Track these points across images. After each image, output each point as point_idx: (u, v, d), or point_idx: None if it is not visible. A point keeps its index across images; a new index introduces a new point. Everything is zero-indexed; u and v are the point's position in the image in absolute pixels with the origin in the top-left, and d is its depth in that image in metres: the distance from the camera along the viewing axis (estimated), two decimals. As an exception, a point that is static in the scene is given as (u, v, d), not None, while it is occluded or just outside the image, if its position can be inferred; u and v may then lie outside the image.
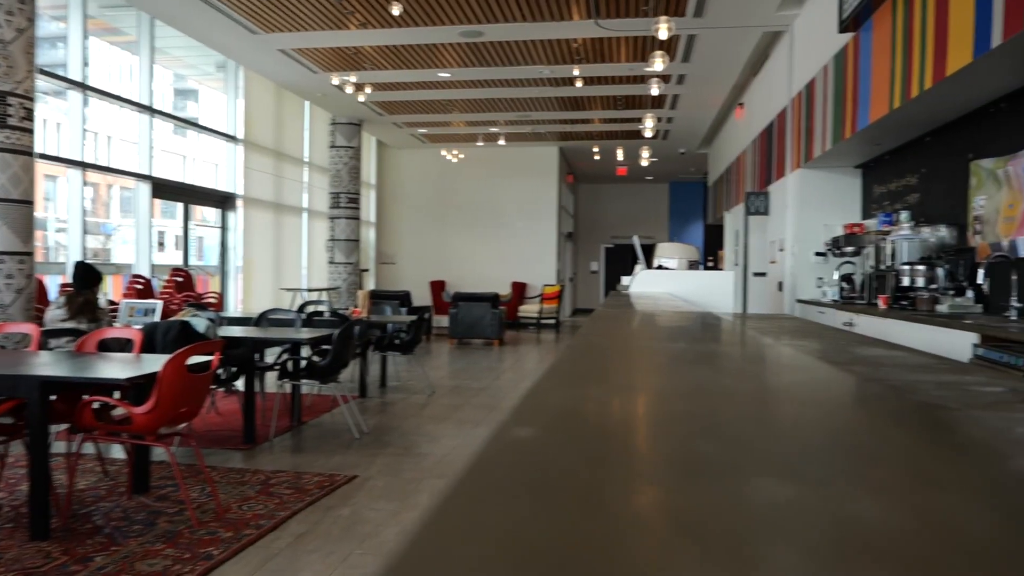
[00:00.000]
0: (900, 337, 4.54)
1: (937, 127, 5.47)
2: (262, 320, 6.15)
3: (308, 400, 6.36)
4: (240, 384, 5.32)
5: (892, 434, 0.67)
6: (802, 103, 7.37)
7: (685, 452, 0.57)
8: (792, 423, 0.71)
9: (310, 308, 8.23)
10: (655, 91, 7.84)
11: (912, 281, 5.30)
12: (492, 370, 8.90)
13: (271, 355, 6.23)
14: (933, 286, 5.13)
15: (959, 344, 3.81)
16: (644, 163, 12.18)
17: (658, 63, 6.69)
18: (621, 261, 21.02)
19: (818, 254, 7.40)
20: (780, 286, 8.06)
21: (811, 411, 0.79)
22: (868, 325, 5.23)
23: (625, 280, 6.41)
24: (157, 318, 5.38)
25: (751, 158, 10.23)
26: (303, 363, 5.29)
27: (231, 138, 10.47)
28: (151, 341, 4.55)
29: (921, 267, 5.21)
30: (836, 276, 6.83)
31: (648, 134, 8.90)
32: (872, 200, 7.07)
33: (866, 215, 7.24)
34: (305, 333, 5.58)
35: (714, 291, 4.18)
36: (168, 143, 18.13)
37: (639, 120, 12.46)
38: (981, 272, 4.23)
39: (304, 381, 5.32)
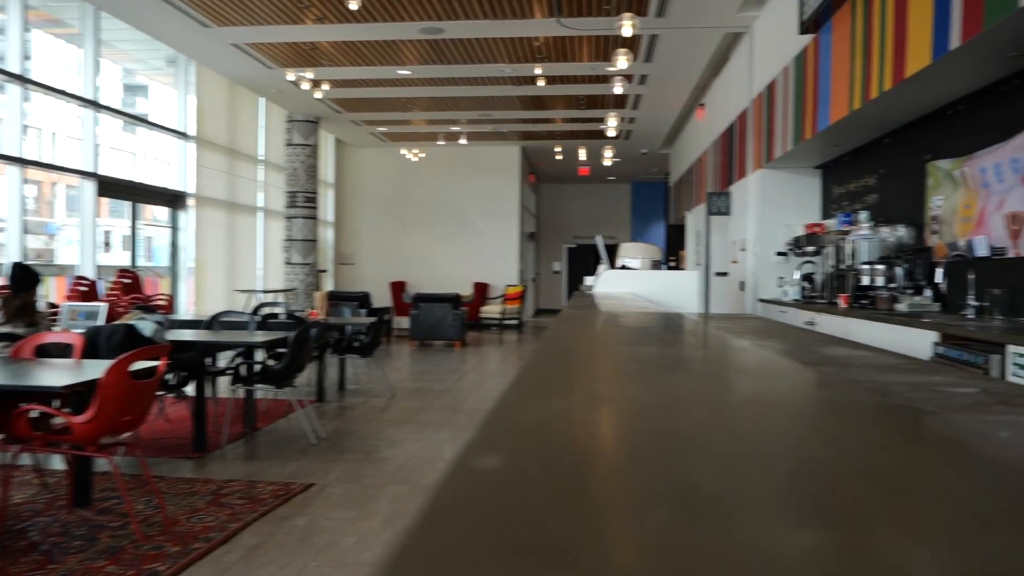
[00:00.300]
0: (861, 336, 4.55)
1: (895, 128, 5.52)
2: (214, 323, 5.93)
3: (263, 405, 6.16)
4: (191, 390, 5.12)
5: (896, 449, 0.58)
6: (763, 104, 7.40)
7: (677, 484, 0.47)
8: (782, 437, 0.62)
9: (265, 310, 8.01)
10: (618, 89, 7.81)
11: (872, 280, 5.33)
12: (454, 372, 8.78)
13: (225, 359, 6.02)
14: (892, 285, 5.16)
15: (919, 342, 3.82)
16: (607, 163, 12.17)
17: (622, 60, 6.65)
18: (584, 261, 21.04)
19: (779, 254, 7.45)
20: (742, 286, 8.10)
21: (797, 422, 0.71)
22: (829, 324, 5.25)
23: (588, 280, 6.35)
24: (101, 322, 5.14)
25: (712, 158, 10.28)
26: (257, 367, 5.11)
27: (182, 135, 10.16)
28: (94, 346, 4.34)
29: (880, 266, 5.24)
30: (797, 275, 6.87)
31: (611, 133, 8.87)
32: (832, 200, 7.13)
33: (826, 215, 7.30)
34: (259, 336, 5.40)
35: (678, 291, 4.14)
36: (117, 140, 17.60)
37: (601, 120, 12.44)
38: (940, 271, 4.26)
39: (259, 386, 5.14)
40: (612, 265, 6.27)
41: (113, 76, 13.87)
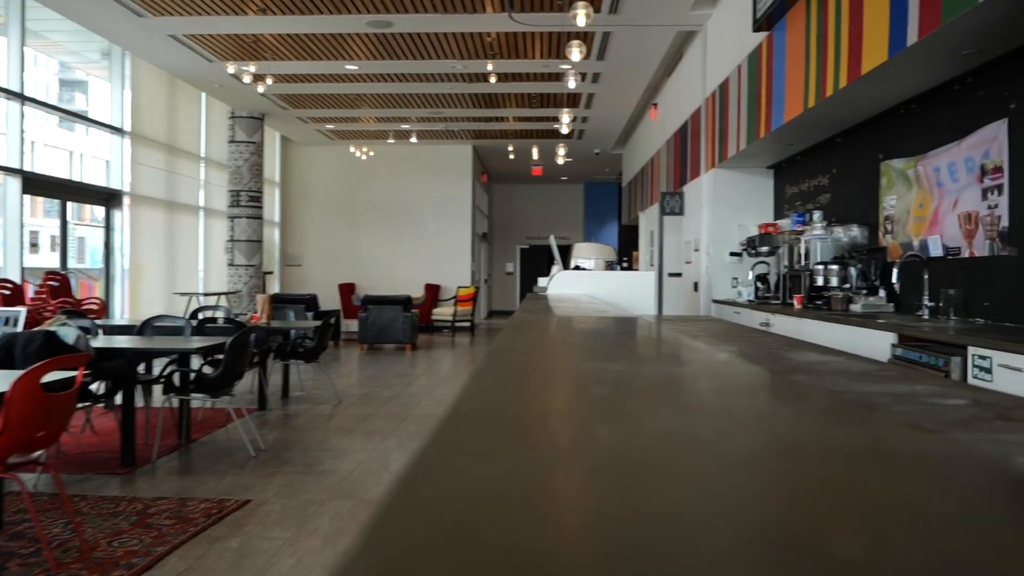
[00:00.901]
0: (817, 337, 4.48)
1: (848, 128, 5.49)
2: (146, 328, 5.59)
3: (200, 415, 5.85)
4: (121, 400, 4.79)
5: (931, 494, 0.41)
6: (716, 103, 7.35)
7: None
8: (788, 478, 0.45)
9: (205, 314, 7.67)
10: (572, 84, 7.68)
11: (826, 281, 5.29)
12: (404, 376, 8.54)
13: (161, 366, 5.69)
14: (846, 286, 5.13)
15: (877, 344, 3.75)
16: (560, 161, 12.06)
17: (575, 52, 6.50)
18: (537, 262, 20.95)
19: (733, 254, 7.41)
20: (696, 286, 8.05)
21: (802, 460, 0.54)
22: (784, 325, 5.19)
23: (542, 282, 6.19)
24: (19, 328, 4.78)
25: (665, 158, 10.24)
26: (192, 375, 4.81)
27: (117, 130, 9.69)
28: (9, 355, 4.00)
29: (834, 267, 5.20)
30: (751, 276, 6.83)
31: (564, 130, 8.74)
32: (784, 200, 7.11)
33: (778, 215, 7.28)
34: (196, 342, 5.09)
35: (634, 292, 4.00)
36: (53, 137, 16.82)
37: (554, 119, 12.32)
38: (895, 272, 4.21)
39: (194, 395, 4.84)
40: (566, 266, 6.12)
41: (47, 70, 13.24)
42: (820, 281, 5.36)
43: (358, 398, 6.99)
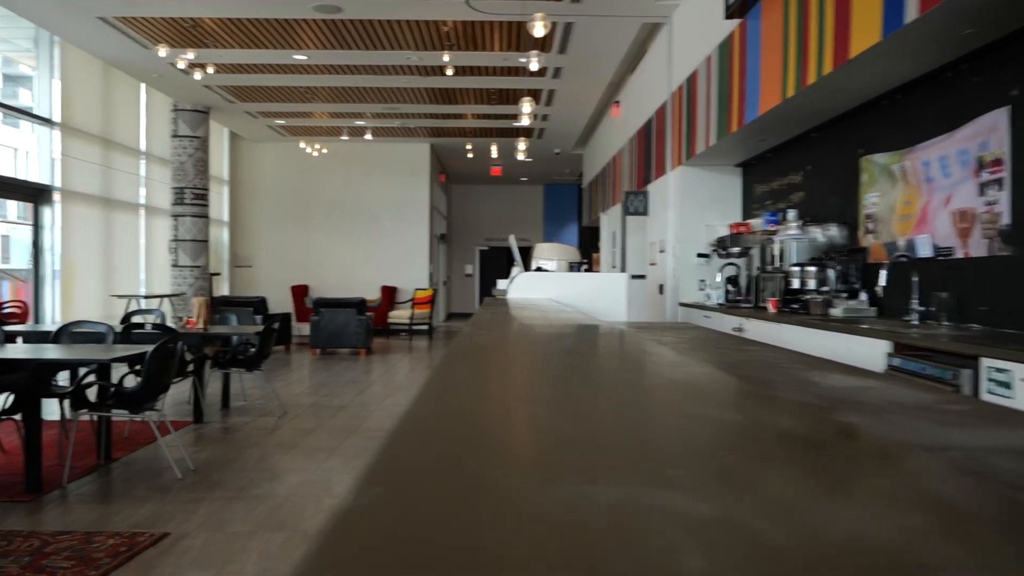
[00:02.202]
0: (797, 343, 4.17)
1: (824, 122, 5.21)
2: (62, 335, 5.03)
3: (127, 429, 5.30)
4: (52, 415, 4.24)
5: None
6: (683, 97, 7.04)
7: None
8: None
9: (144, 318, 7.11)
10: (534, 66, 7.29)
11: (802, 283, 4.99)
12: (355, 384, 8.05)
13: (83, 377, 5.13)
14: (825, 288, 4.83)
15: (867, 352, 3.43)
16: (520, 157, 11.68)
17: (539, 27, 6.09)
18: (497, 264, 20.56)
19: (700, 255, 7.11)
20: (661, 289, 7.73)
21: None
22: (759, 330, 4.87)
23: (501, 284, 5.78)
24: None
25: (628, 157, 9.93)
26: (113, 388, 4.28)
27: (45, 121, 9.01)
28: None
29: (811, 268, 4.91)
30: (719, 278, 6.53)
31: (525, 121, 8.35)
32: (753, 199, 6.83)
33: (747, 215, 7.00)
34: (117, 350, 4.57)
35: (602, 296, 3.62)
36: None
37: (514, 117, 11.94)
38: (883, 273, 3.91)
39: (114, 412, 4.32)
40: (527, 267, 5.73)
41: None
42: (796, 283, 5.06)
43: (305, 408, 6.50)
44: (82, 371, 4.69)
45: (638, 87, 9.32)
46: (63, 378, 5.27)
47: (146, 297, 10.62)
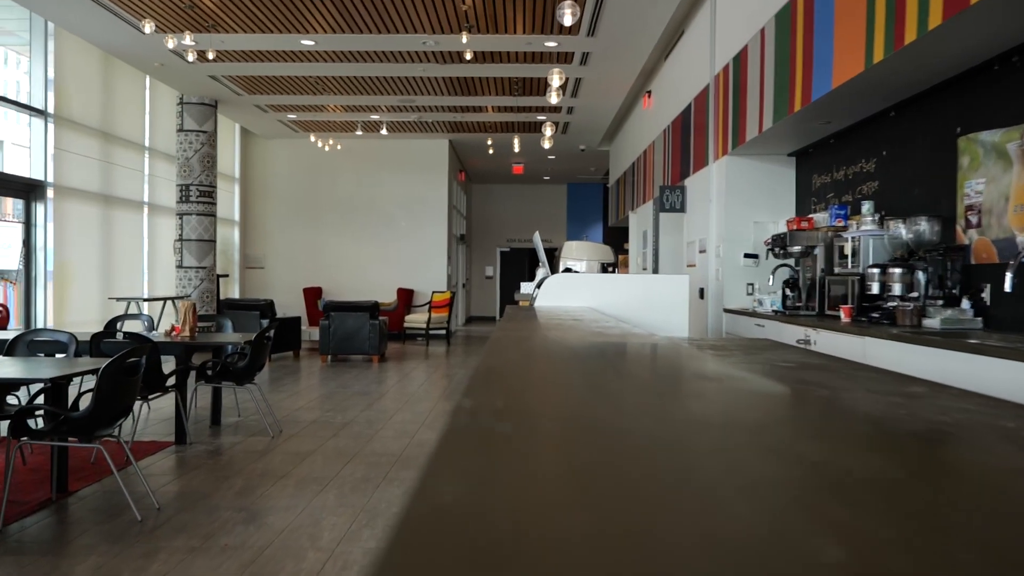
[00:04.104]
0: (888, 361, 3.39)
1: (910, 97, 4.42)
2: (17, 345, 4.37)
3: (93, 455, 4.63)
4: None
5: None
6: (729, 79, 6.27)
7: None
8: None
9: (130, 324, 6.49)
10: (567, 19, 6.57)
11: (883, 288, 4.21)
12: (364, 396, 7.35)
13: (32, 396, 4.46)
14: (913, 294, 4.04)
15: (999, 377, 2.66)
16: (547, 144, 10.92)
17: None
18: (518, 266, 19.84)
19: (748, 255, 6.33)
20: (702, 293, 6.95)
21: None
22: (830, 343, 4.10)
23: (525, 288, 5.04)
24: None
25: (661, 150, 9.16)
26: (60, 412, 3.60)
27: (37, 112, 8.43)
28: None
29: (896, 270, 4.12)
30: (771, 281, 5.75)
31: (554, 99, 7.60)
32: (811, 193, 6.04)
33: (801, 210, 6.21)
34: (81, 364, 3.91)
35: (656, 304, 2.87)
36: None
37: (538, 109, 11.21)
38: (1008, 276, 3.12)
39: (61, 439, 3.64)
40: (552, 269, 5.00)
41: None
42: (875, 288, 4.27)
43: (303, 426, 5.80)
44: (34, 389, 4.03)
45: (673, 73, 8.54)
46: (24, 395, 4.62)
47: (148, 300, 10.03)
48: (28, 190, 8.44)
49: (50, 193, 8.57)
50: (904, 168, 4.58)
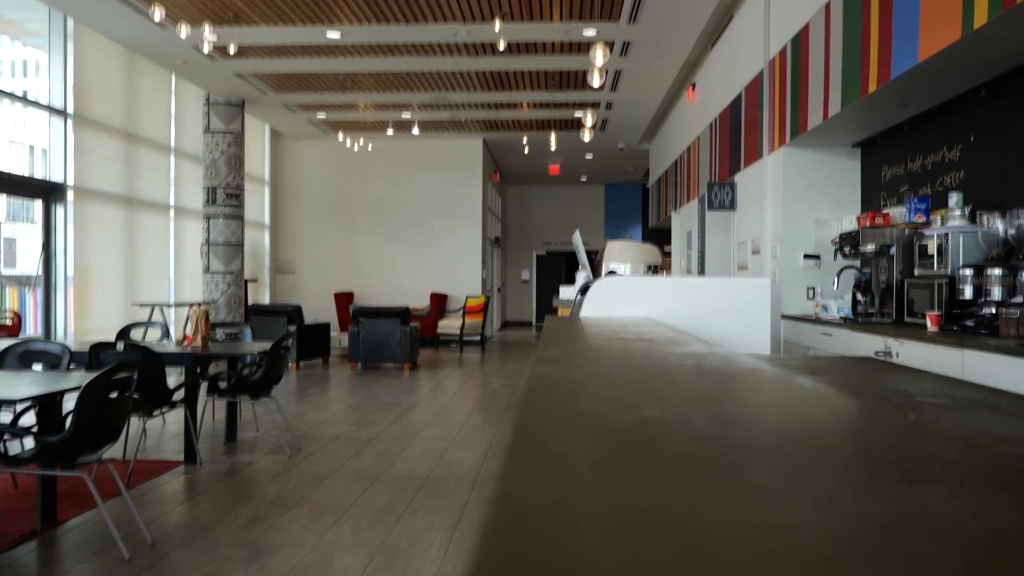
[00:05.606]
0: (993, 379, 2.83)
1: (1004, 73, 3.83)
2: (7, 358, 4.01)
3: (92, 472, 4.24)
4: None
5: None
6: (786, 63, 5.70)
7: None
8: None
9: (137, 332, 6.16)
10: (589, 31, 6.05)
11: (979, 292, 3.63)
12: (392, 408, 6.92)
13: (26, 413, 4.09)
14: (1017, 299, 3.46)
15: None
16: (586, 136, 10.43)
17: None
18: (555, 269, 19.33)
19: (808, 256, 5.75)
20: (756, 298, 6.37)
21: None
22: (919, 355, 3.53)
23: (565, 292, 4.54)
24: None
25: (707, 145, 8.59)
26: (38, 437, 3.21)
27: (57, 112, 8.18)
28: None
29: (995, 271, 3.54)
30: (836, 285, 5.17)
31: (596, 81, 7.11)
32: (880, 186, 5.44)
33: (868, 206, 5.62)
34: (72, 379, 3.52)
35: (728, 314, 2.37)
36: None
37: (575, 105, 10.71)
38: None
39: (44, 467, 3.25)
40: (595, 272, 4.50)
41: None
42: (968, 293, 3.69)
43: (325, 443, 5.38)
44: (19, 408, 3.65)
45: (720, 62, 7.98)
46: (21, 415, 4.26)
47: (174, 305, 9.75)
48: (47, 192, 8.20)
49: (70, 195, 8.31)
50: (1000, 155, 3.99)
